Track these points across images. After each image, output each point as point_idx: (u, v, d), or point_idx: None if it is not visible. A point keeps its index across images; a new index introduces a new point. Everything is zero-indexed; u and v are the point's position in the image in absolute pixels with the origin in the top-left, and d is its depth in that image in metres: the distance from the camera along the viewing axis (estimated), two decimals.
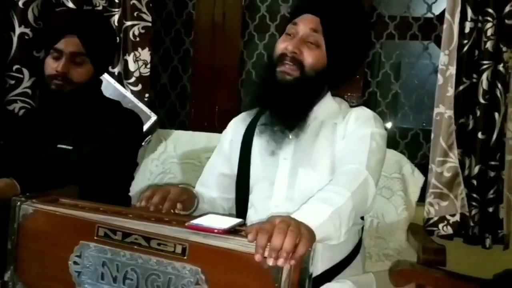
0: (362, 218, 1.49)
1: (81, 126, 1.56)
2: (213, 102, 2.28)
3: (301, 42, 1.33)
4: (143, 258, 0.99)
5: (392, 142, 2.13)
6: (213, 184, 1.53)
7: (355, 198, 1.14)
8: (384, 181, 1.81)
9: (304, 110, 1.38)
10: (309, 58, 1.33)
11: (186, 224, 0.98)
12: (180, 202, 1.29)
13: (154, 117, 2.03)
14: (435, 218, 1.86)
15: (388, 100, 2.18)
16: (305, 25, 1.34)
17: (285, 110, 1.36)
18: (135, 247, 0.99)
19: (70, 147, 1.53)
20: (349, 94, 2.13)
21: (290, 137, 1.38)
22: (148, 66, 2.12)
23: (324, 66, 1.35)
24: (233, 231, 0.97)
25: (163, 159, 2.04)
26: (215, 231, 0.95)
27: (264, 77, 1.41)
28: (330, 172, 1.34)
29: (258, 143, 1.43)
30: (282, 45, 1.35)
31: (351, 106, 1.50)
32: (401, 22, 2.11)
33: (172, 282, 0.96)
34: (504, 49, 1.77)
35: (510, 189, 1.84)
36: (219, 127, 2.01)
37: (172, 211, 1.25)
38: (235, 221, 1.00)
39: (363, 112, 1.42)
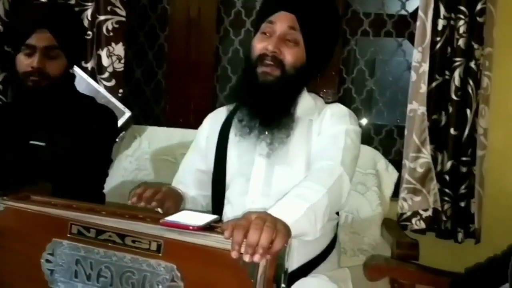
0: (337, 213, 1.50)
1: (54, 122, 1.54)
2: (188, 98, 2.26)
3: (280, 41, 1.33)
4: (118, 256, 0.98)
5: (366, 138, 2.15)
6: (190, 182, 1.52)
7: (330, 194, 1.15)
8: (359, 177, 1.82)
9: (288, 108, 1.39)
10: (289, 56, 1.33)
11: (161, 221, 0.97)
12: (165, 205, 1.28)
13: (128, 113, 2.01)
14: (409, 213, 1.88)
15: (363, 97, 2.20)
16: (282, 23, 1.33)
17: (270, 110, 1.36)
18: (109, 244, 0.98)
19: (42, 144, 1.51)
20: (324, 90, 2.14)
21: (266, 133, 1.38)
22: (122, 61, 2.09)
23: (303, 63, 1.35)
24: (208, 228, 0.96)
25: (137, 156, 2.02)
26: (191, 228, 0.94)
27: (244, 78, 1.41)
28: (306, 168, 1.34)
29: (234, 140, 1.42)
30: (261, 45, 1.34)
31: (327, 103, 1.51)
32: (376, 19, 2.13)
33: (147, 279, 0.95)
34: (475, 46, 1.80)
35: (482, 184, 1.88)
36: (194, 123, 2.00)
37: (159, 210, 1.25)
38: (211, 217, 1.00)
39: (338, 109, 1.43)
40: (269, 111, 1.35)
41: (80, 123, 1.54)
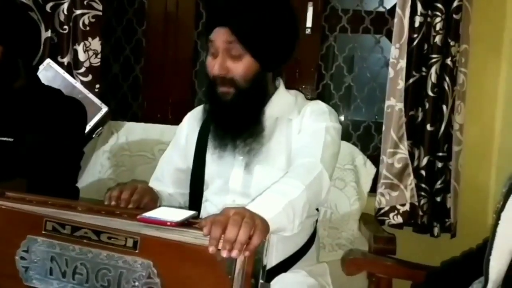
0: (317, 209, 1.51)
1: (21, 117, 1.50)
2: (166, 93, 2.24)
3: (224, 59, 1.28)
4: (93, 252, 0.97)
5: (345, 134, 2.16)
6: (169, 180, 1.51)
7: (309, 190, 1.15)
8: (337, 173, 1.84)
9: (256, 117, 1.37)
10: (238, 71, 1.29)
11: (138, 217, 0.96)
12: (142, 203, 1.27)
13: (105, 109, 1.98)
14: (386, 208, 1.90)
15: (341, 93, 2.21)
16: (219, 40, 1.28)
17: (237, 125, 1.35)
18: (85, 241, 0.97)
19: (10, 139, 1.47)
20: (303, 86, 2.15)
21: (241, 144, 1.37)
22: (99, 56, 2.06)
23: (257, 69, 1.31)
24: (186, 224, 0.96)
25: (114, 152, 2.00)
26: (168, 223, 0.93)
27: (208, 95, 1.39)
28: (286, 167, 1.34)
29: (213, 140, 1.41)
30: (210, 67, 1.32)
31: (308, 99, 1.51)
32: (354, 15, 2.14)
33: (123, 276, 0.94)
34: (452, 43, 1.83)
35: (457, 179, 1.91)
36: (172, 119, 1.99)
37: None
38: (188, 213, 0.99)
39: (318, 106, 1.43)
40: (236, 127, 1.35)
41: (47, 116, 1.50)
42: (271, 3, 1.30)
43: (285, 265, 1.36)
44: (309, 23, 2.09)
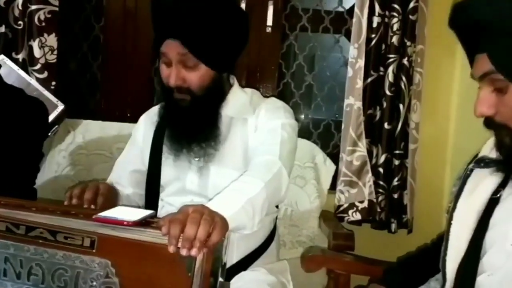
0: (277, 206, 1.52)
1: None
2: (124, 90, 2.20)
3: (179, 69, 1.27)
4: (49, 253, 0.94)
5: (305, 132, 2.19)
6: (126, 180, 1.48)
7: (268, 188, 1.16)
8: (297, 170, 1.85)
9: (212, 121, 1.36)
10: (194, 81, 1.28)
11: (94, 217, 0.94)
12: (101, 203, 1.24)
13: (61, 106, 1.93)
14: (345, 205, 1.93)
15: (302, 91, 2.23)
16: (171, 52, 1.27)
17: (191, 130, 1.34)
18: (40, 241, 0.95)
19: None
20: (264, 84, 2.15)
21: (196, 148, 1.36)
22: (55, 52, 2.01)
23: (213, 75, 1.31)
24: (144, 223, 0.94)
25: (71, 150, 1.95)
26: (125, 223, 0.92)
27: (164, 100, 1.38)
28: (243, 168, 1.33)
29: (169, 141, 1.39)
30: (165, 76, 1.30)
31: (264, 96, 1.51)
32: (314, 15, 2.16)
33: (80, 276, 0.93)
34: (408, 43, 1.87)
35: (413, 177, 1.96)
36: (131, 117, 1.96)
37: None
38: (146, 212, 0.98)
39: (273, 104, 1.43)
40: (192, 132, 1.34)
41: (8, 116, 1.46)
42: (220, 11, 1.29)
43: (245, 263, 1.36)
44: (269, 22, 2.11)
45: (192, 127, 1.34)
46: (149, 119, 1.49)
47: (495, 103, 0.94)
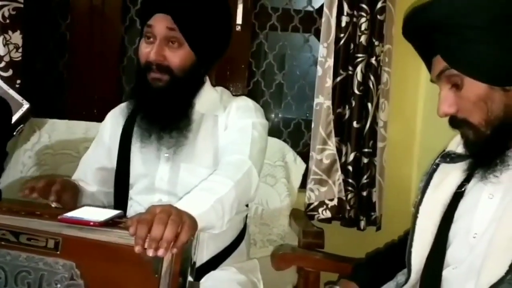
0: (247, 205, 1.52)
1: None
2: (91, 89, 2.17)
3: (162, 46, 1.27)
4: (12, 255, 0.92)
5: (276, 131, 2.19)
6: (91, 178, 1.46)
7: (238, 187, 1.16)
8: (268, 169, 1.85)
9: (185, 110, 1.35)
10: (175, 60, 1.28)
11: (59, 218, 0.93)
12: (62, 199, 1.22)
13: (26, 105, 1.88)
14: (315, 203, 1.94)
15: (272, 90, 2.23)
16: (160, 25, 1.27)
17: (166, 114, 1.32)
18: (3, 243, 0.93)
19: None
20: (234, 83, 2.15)
21: (167, 137, 1.35)
22: (20, 50, 1.96)
23: (193, 61, 1.31)
24: (111, 223, 0.93)
25: (37, 150, 1.91)
26: (91, 223, 0.90)
27: (138, 84, 1.35)
28: (213, 165, 1.34)
29: (138, 138, 1.37)
30: (145, 52, 1.29)
31: (234, 95, 1.51)
32: (283, 14, 2.16)
33: (44, 278, 0.91)
34: (376, 43, 1.89)
35: (382, 174, 1.98)
36: (98, 116, 1.91)
37: (52, 204, 1.18)
38: (113, 213, 0.96)
39: (244, 103, 1.43)
40: (165, 116, 1.32)
41: None
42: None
43: (215, 262, 1.35)
44: (239, 20, 2.10)
45: (165, 111, 1.32)
46: (117, 114, 1.47)
47: (455, 100, 0.97)
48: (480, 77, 0.93)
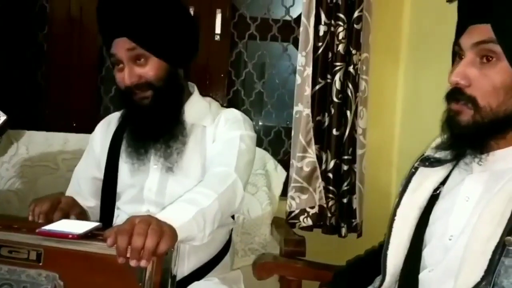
0: (233, 217, 1.52)
1: None
2: (70, 100, 2.15)
3: (131, 67, 1.28)
4: None
5: (256, 139, 2.19)
6: (87, 192, 1.45)
7: (222, 199, 1.15)
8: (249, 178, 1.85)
9: (176, 117, 1.36)
10: (150, 73, 1.28)
11: (37, 231, 0.92)
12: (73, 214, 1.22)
13: (3, 117, 1.84)
14: (297, 211, 1.95)
15: (252, 99, 2.24)
16: (121, 50, 1.27)
17: (156, 128, 1.33)
18: None
19: None
20: (214, 92, 2.15)
21: (161, 146, 1.35)
22: None
23: (167, 68, 1.31)
24: (90, 236, 0.92)
25: (14, 162, 1.88)
26: (70, 236, 0.90)
27: (125, 105, 1.36)
28: (201, 176, 1.33)
29: (127, 148, 1.37)
30: (119, 79, 1.30)
31: (223, 106, 1.51)
32: (262, 23, 2.18)
33: None
34: (353, 52, 1.92)
35: (362, 181, 2.00)
36: (76, 127, 1.91)
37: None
38: (92, 225, 0.96)
39: (233, 115, 1.43)
40: (158, 129, 1.33)
41: None
42: (160, 3, 1.31)
43: (198, 274, 1.35)
44: (218, 30, 2.11)
45: (156, 124, 1.32)
46: (107, 125, 1.47)
47: (473, 75, 0.92)
48: None
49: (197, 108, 1.42)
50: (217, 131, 1.39)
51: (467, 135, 0.94)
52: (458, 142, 0.97)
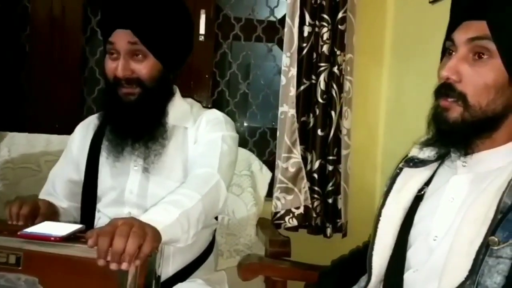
0: (216, 218, 1.51)
1: None
2: (52, 101, 2.12)
3: (127, 60, 1.27)
4: None
5: (241, 140, 2.19)
6: (61, 193, 1.43)
7: (205, 201, 1.15)
8: (234, 179, 1.84)
9: (159, 119, 1.35)
10: (143, 71, 1.28)
11: (19, 233, 0.91)
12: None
13: None
14: (282, 212, 1.95)
15: (237, 100, 2.24)
16: (121, 41, 1.27)
17: (140, 127, 1.31)
18: None
19: None
20: (198, 93, 2.14)
21: (140, 147, 1.34)
22: None
23: (160, 70, 1.31)
24: (72, 238, 0.91)
25: None
26: (52, 238, 0.89)
27: (109, 100, 1.34)
28: (183, 178, 1.33)
29: (107, 151, 1.36)
30: (111, 68, 1.29)
31: (204, 107, 1.51)
32: (246, 24, 2.18)
33: None
34: (338, 52, 1.93)
35: (346, 181, 2.01)
36: (59, 128, 1.89)
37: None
38: (75, 227, 0.95)
39: (214, 115, 1.43)
40: (138, 128, 1.31)
41: None
42: (170, 5, 1.32)
43: (182, 275, 1.34)
44: (202, 30, 2.11)
45: (139, 123, 1.30)
46: (86, 126, 1.45)
47: (465, 71, 0.91)
48: None
49: (179, 110, 1.41)
50: (198, 133, 1.38)
51: (454, 133, 0.94)
52: (444, 139, 0.97)
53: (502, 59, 0.88)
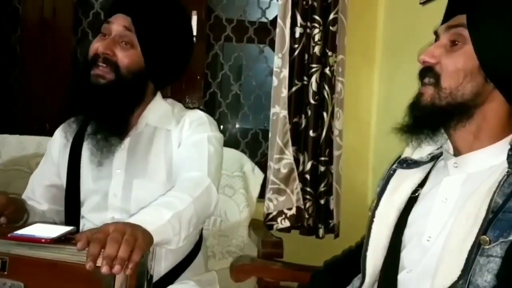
0: None
1: None
2: (43, 103, 2.11)
3: (114, 42, 1.26)
4: None
5: (233, 141, 2.19)
6: (41, 196, 1.42)
7: (197, 203, 1.15)
8: (226, 180, 1.85)
9: (124, 114, 1.32)
10: (124, 58, 1.26)
11: (10, 235, 0.90)
12: (5, 214, 1.17)
13: None
14: (274, 213, 1.95)
15: (228, 101, 2.24)
16: (118, 23, 1.27)
17: (102, 115, 1.28)
18: None
19: None
20: (190, 94, 2.14)
21: (122, 146, 1.33)
22: None
23: (142, 67, 1.29)
24: (63, 240, 0.90)
25: None
26: (43, 240, 0.88)
27: (77, 80, 1.32)
28: (167, 181, 1.32)
29: (88, 154, 1.34)
30: (94, 46, 1.27)
31: (187, 107, 1.50)
32: (238, 25, 2.19)
33: None
34: (329, 53, 1.93)
35: (338, 182, 2.01)
36: (50, 130, 1.86)
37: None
38: (66, 229, 0.94)
39: (197, 116, 1.41)
40: (105, 118, 1.28)
41: None
42: (177, 14, 1.34)
43: (170, 276, 1.34)
44: (193, 32, 2.10)
45: (106, 110, 1.26)
46: (65, 131, 1.42)
47: (440, 54, 0.97)
48: (484, 52, 0.92)
49: (159, 110, 1.39)
50: (182, 135, 1.36)
51: (424, 117, 0.98)
52: (415, 125, 1.01)
53: (473, 46, 0.93)
